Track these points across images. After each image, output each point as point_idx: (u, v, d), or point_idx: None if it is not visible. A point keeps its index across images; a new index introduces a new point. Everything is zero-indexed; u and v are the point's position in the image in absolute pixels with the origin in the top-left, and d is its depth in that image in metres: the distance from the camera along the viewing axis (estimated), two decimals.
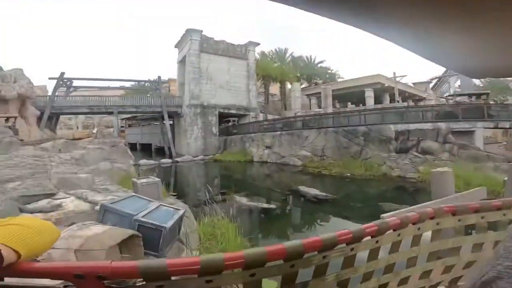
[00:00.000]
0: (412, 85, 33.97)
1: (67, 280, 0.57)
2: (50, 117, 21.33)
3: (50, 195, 5.48)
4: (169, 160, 20.59)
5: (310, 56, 36.44)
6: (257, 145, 19.27)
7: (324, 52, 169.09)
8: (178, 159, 20.67)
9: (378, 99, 27.81)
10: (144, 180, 5.12)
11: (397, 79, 27.40)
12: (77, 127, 36.38)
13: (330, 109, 19.90)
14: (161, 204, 3.85)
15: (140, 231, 3.13)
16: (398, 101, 25.31)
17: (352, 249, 0.75)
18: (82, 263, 0.67)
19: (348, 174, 11.97)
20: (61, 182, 6.58)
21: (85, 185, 6.56)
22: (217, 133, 23.02)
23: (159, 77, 23.47)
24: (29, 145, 15.00)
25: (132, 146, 34.92)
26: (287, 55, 34.22)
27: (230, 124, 24.66)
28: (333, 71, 39.93)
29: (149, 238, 3.17)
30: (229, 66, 23.61)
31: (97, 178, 8.52)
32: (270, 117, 24.93)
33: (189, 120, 22.09)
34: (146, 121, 32.76)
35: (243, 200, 8.49)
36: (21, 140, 17.24)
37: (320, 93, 23.97)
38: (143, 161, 19.43)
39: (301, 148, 15.77)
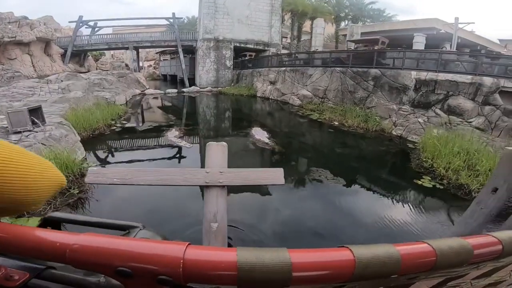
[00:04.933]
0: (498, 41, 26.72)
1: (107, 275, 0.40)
2: (77, 54, 24.12)
3: None
4: (175, 90, 20.61)
5: None
6: (263, 80, 18.05)
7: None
8: (184, 89, 20.94)
9: (433, 48, 22.91)
10: (11, 110, 5.45)
11: (461, 26, 21.80)
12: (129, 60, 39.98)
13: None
14: None
15: None
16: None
17: None
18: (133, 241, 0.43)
19: (336, 123, 10.17)
20: None
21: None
22: (232, 67, 22.82)
23: (173, 13, 24.73)
24: (38, 77, 16.26)
25: (164, 77, 36.13)
26: None
27: (246, 58, 23.90)
28: (389, 15, 34.53)
29: None
30: (250, 1, 22.43)
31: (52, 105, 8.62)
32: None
33: (202, 53, 22.15)
34: (174, 55, 32.94)
35: (173, 136, 7.76)
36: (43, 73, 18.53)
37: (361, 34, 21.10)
38: (149, 91, 19.66)
39: (303, 87, 13.95)
